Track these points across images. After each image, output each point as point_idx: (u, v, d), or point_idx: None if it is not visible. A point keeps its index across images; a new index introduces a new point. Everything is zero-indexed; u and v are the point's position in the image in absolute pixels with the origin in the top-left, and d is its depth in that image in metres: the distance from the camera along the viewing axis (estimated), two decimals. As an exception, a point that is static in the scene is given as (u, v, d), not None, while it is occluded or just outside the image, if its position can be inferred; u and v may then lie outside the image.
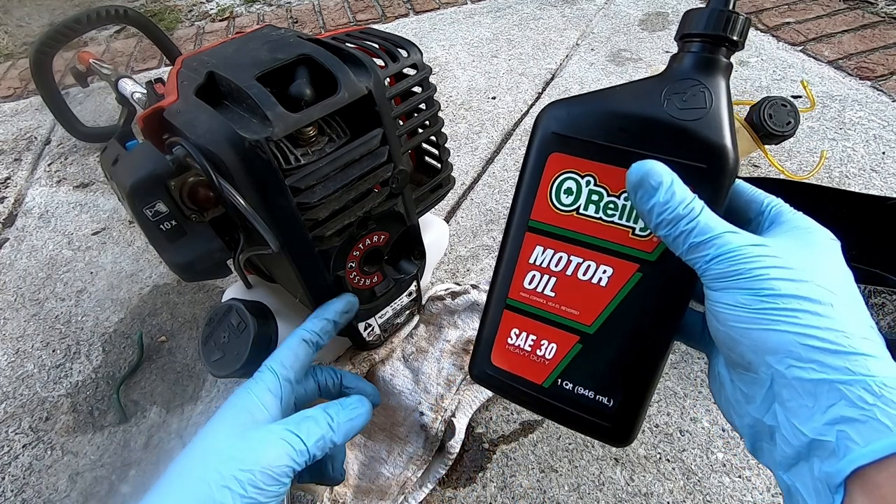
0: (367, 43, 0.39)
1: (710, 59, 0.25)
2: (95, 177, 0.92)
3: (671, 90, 0.25)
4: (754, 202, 0.27)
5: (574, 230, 0.27)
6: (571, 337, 0.28)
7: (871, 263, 0.56)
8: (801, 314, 0.21)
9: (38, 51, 0.83)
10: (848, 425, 0.19)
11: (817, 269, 0.23)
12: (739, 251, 0.23)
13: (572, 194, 0.27)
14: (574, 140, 0.26)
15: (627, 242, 0.26)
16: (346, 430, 0.32)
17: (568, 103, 0.27)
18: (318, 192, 0.34)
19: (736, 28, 0.25)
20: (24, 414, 0.58)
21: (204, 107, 0.33)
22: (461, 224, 0.72)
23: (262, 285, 0.47)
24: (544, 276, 0.28)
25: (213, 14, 1.47)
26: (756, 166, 0.74)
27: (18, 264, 0.77)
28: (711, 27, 0.25)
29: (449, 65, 1.06)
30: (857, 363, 0.20)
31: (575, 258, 0.27)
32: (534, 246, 0.28)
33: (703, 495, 0.45)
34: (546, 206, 0.27)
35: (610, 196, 0.26)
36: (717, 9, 0.25)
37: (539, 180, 0.27)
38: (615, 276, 0.27)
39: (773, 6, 1.10)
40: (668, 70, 0.26)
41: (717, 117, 0.24)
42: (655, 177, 0.23)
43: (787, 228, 0.25)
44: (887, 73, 0.88)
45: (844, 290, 0.23)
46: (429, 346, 0.53)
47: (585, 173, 0.26)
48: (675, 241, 0.24)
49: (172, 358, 0.62)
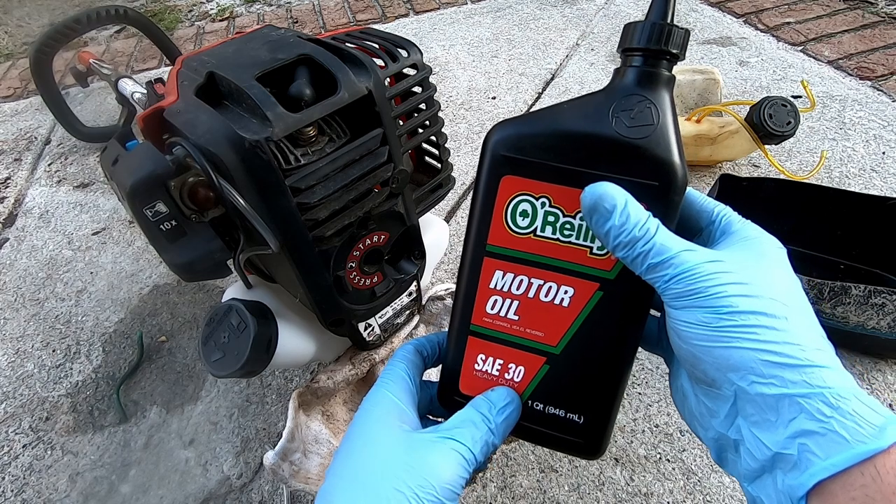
0: (367, 43, 0.39)
1: (652, 74, 0.25)
2: (95, 177, 0.92)
3: (618, 107, 0.25)
4: (704, 212, 0.28)
5: (532, 252, 0.27)
6: (538, 358, 0.28)
7: (871, 263, 0.56)
8: (760, 330, 0.22)
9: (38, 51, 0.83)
10: (809, 438, 0.20)
11: (770, 281, 0.23)
12: (696, 269, 0.23)
13: (528, 216, 0.27)
14: (525, 162, 0.26)
15: (586, 262, 0.27)
16: (503, 430, 0.29)
17: (516, 124, 0.26)
18: (318, 192, 0.34)
19: (675, 41, 0.25)
20: (24, 414, 0.58)
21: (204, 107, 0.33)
22: (461, 224, 0.72)
23: (262, 285, 0.47)
24: (506, 300, 0.28)
25: (213, 14, 1.47)
26: (756, 166, 0.74)
27: (18, 264, 0.76)
28: (653, 41, 0.25)
29: (449, 65, 1.06)
30: (814, 376, 0.21)
31: (536, 280, 0.27)
32: (493, 271, 0.28)
33: (703, 495, 0.45)
34: (502, 230, 0.27)
35: (566, 216, 0.26)
36: (655, 23, 0.25)
37: (493, 204, 0.27)
38: (576, 295, 0.27)
39: (773, 6, 1.10)
40: (613, 84, 0.26)
41: (664, 133, 0.25)
42: (609, 200, 0.24)
43: (738, 239, 0.26)
44: (887, 73, 0.88)
45: (795, 301, 0.23)
46: (429, 346, 0.53)
47: (540, 195, 0.26)
48: (634, 262, 0.24)
49: (172, 358, 0.62)
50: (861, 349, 0.51)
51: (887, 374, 0.50)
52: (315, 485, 0.42)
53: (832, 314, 0.48)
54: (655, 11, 0.25)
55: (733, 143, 0.68)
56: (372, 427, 0.28)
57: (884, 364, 0.50)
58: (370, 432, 0.27)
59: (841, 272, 0.56)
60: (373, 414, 0.28)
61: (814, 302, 0.48)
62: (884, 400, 0.48)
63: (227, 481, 0.50)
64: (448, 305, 0.55)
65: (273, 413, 0.55)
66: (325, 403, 0.49)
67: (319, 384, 0.47)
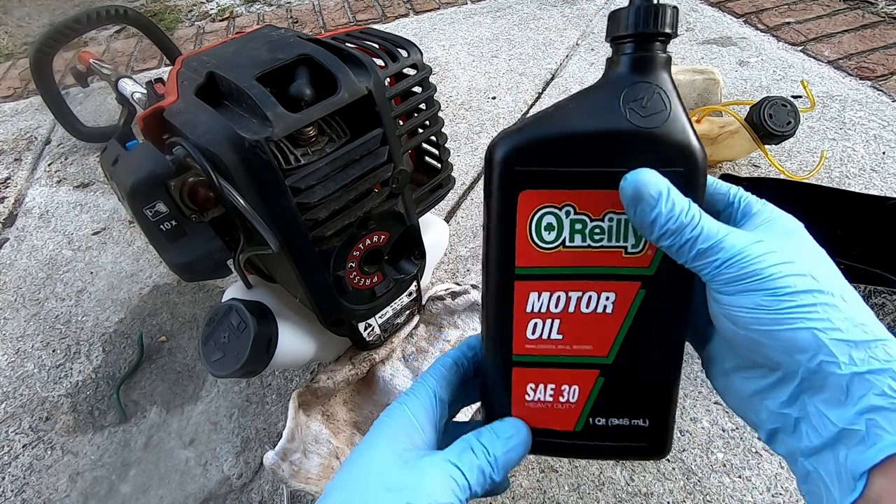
0: (367, 43, 0.39)
1: (652, 59, 0.24)
2: (95, 177, 0.92)
3: (627, 97, 0.24)
4: (719, 194, 0.27)
5: (565, 265, 0.26)
6: (591, 373, 0.27)
7: (871, 263, 0.56)
8: (822, 308, 0.21)
9: (38, 51, 0.83)
10: (878, 414, 0.20)
11: (812, 259, 0.23)
12: (746, 252, 0.22)
13: (554, 229, 0.25)
14: (542, 173, 0.24)
15: (623, 263, 0.26)
16: (504, 464, 0.27)
17: (521, 134, 0.25)
18: (318, 192, 0.34)
19: (667, 20, 0.24)
20: (24, 414, 0.58)
21: (204, 107, 0.33)
22: (461, 224, 0.72)
23: (262, 285, 0.47)
24: (547, 321, 0.26)
25: (213, 14, 1.47)
26: (756, 166, 0.74)
27: (18, 264, 0.76)
28: (647, 24, 0.23)
29: (449, 65, 1.06)
30: (880, 351, 0.21)
31: (574, 293, 0.26)
32: (527, 294, 0.26)
33: (703, 495, 0.45)
34: (529, 249, 0.25)
35: (594, 221, 0.25)
36: (643, 5, 0.23)
37: (514, 224, 0.25)
38: (619, 299, 0.26)
39: (773, 6, 1.10)
40: (612, 75, 0.25)
41: (679, 117, 0.24)
42: (654, 187, 0.23)
43: (762, 220, 0.25)
44: (887, 73, 0.88)
45: (838, 276, 0.23)
46: (429, 346, 0.53)
47: (563, 204, 0.25)
48: (681, 250, 0.23)
49: (172, 358, 0.62)
50: (861, 349, 0.51)
51: (887, 374, 0.50)
52: (315, 485, 0.42)
53: (832, 314, 0.48)
54: None
55: (733, 143, 0.68)
56: (376, 440, 0.27)
57: (884, 364, 0.50)
58: (372, 446, 0.27)
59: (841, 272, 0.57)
60: (383, 427, 0.28)
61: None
62: (884, 400, 0.48)
63: (227, 481, 0.50)
64: (448, 305, 0.55)
65: (273, 413, 0.55)
66: (325, 403, 0.49)
67: (319, 384, 0.47)
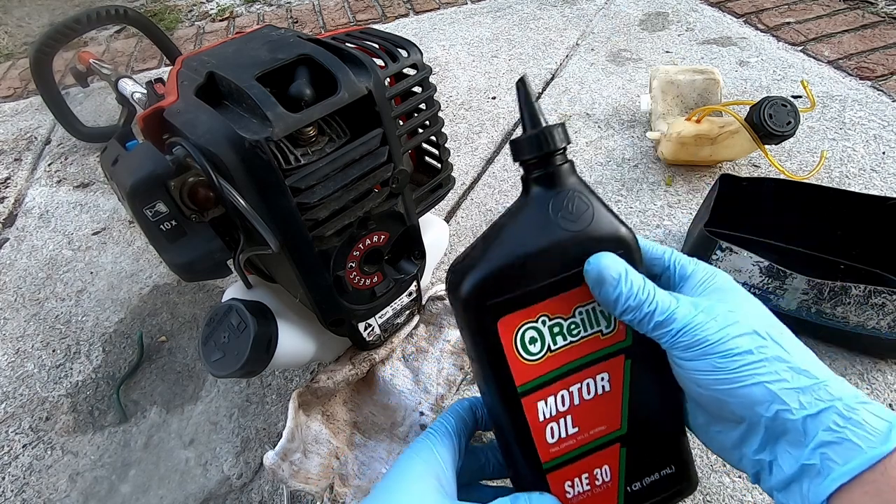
0: (367, 43, 0.39)
1: (558, 171, 0.27)
2: (95, 177, 0.92)
3: (555, 209, 0.27)
4: (654, 259, 0.30)
5: (558, 367, 0.28)
6: (614, 448, 0.29)
7: (871, 263, 0.56)
8: (768, 362, 0.24)
9: (38, 51, 0.83)
10: (828, 448, 0.22)
11: (751, 314, 0.26)
12: (696, 320, 0.25)
13: (537, 340, 0.27)
14: (511, 299, 0.27)
15: (604, 344, 0.28)
16: None
17: (481, 269, 0.27)
18: (318, 192, 0.34)
19: (559, 138, 0.27)
20: (24, 414, 0.58)
21: (204, 107, 0.33)
22: (461, 224, 0.72)
23: (262, 285, 0.47)
24: (560, 421, 0.28)
25: (213, 14, 1.47)
26: (756, 166, 0.74)
27: (18, 264, 0.77)
28: (547, 146, 0.27)
29: (449, 65, 1.06)
30: (823, 392, 0.23)
31: (574, 387, 0.28)
32: (535, 405, 0.28)
33: (703, 495, 0.45)
34: (523, 366, 0.27)
35: (567, 320, 0.28)
36: (535, 134, 0.27)
37: (501, 349, 0.27)
38: (612, 376, 0.28)
39: (773, 6, 1.10)
40: (533, 193, 0.28)
41: (601, 210, 0.28)
42: (613, 271, 0.26)
43: (699, 281, 0.28)
44: (887, 73, 0.88)
45: (776, 325, 0.26)
46: (429, 346, 0.53)
47: (538, 316, 0.27)
48: (641, 323, 0.26)
49: (172, 358, 0.62)
50: (861, 349, 0.51)
51: (887, 374, 0.50)
52: (315, 485, 0.42)
53: (832, 314, 0.48)
54: (529, 122, 0.28)
55: (733, 143, 0.68)
56: (408, 481, 0.28)
57: (884, 364, 0.50)
58: (406, 485, 0.28)
59: (841, 272, 0.56)
60: (413, 466, 0.28)
61: (814, 302, 0.48)
62: (884, 400, 0.48)
63: (227, 481, 0.50)
64: (448, 305, 0.55)
65: (273, 413, 0.55)
66: (325, 403, 0.49)
67: (319, 384, 0.47)
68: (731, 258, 0.51)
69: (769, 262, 0.49)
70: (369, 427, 0.50)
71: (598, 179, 0.75)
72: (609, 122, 0.86)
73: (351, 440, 0.49)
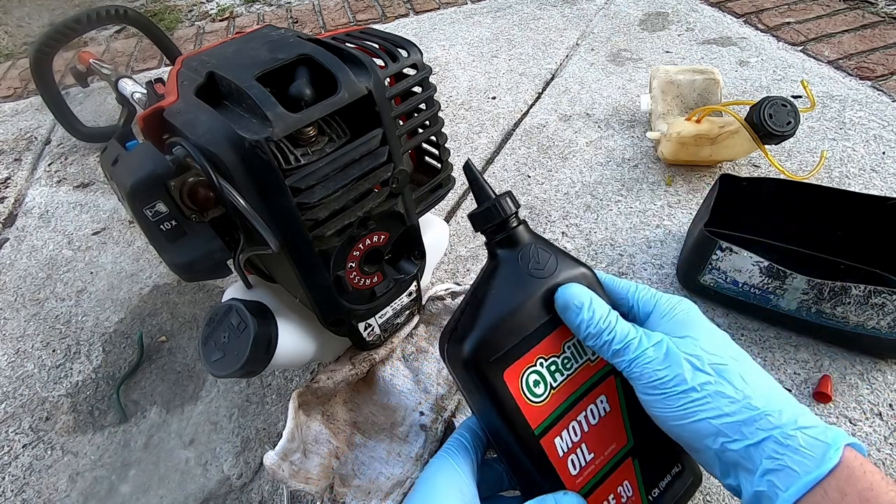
0: (367, 43, 0.39)
1: (516, 233, 0.32)
2: (95, 177, 0.92)
3: (524, 266, 0.31)
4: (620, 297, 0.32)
5: (562, 402, 0.30)
6: (628, 463, 0.31)
7: (871, 263, 0.56)
8: (711, 398, 0.26)
9: (38, 51, 0.83)
10: (773, 475, 0.24)
11: (704, 344, 0.28)
12: (646, 353, 0.27)
13: (540, 383, 0.30)
14: (507, 352, 0.29)
15: (595, 370, 0.31)
16: None
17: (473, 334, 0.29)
18: (318, 192, 0.34)
19: (508, 207, 0.31)
20: (24, 414, 0.58)
21: (204, 107, 0.33)
22: (461, 224, 0.72)
23: (262, 285, 0.47)
24: (577, 451, 0.30)
25: (213, 14, 1.47)
26: (756, 166, 0.74)
27: (18, 264, 0.77)
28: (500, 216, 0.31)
29: (449, 65, 1.06)
30: (764, 422, 0.25)
31: (580, 416, 0.30)
32: (552, 442, 0.30)
33: (703, 495, 0.45)
34: (534, 409, 0.30)
35: (560, 356, 0.30)
36: (489, 206, 0.31)
37: (512, 398, 0.29)
38: (609, 396, 0.31)
39: (773, 6, 1.10)
40: (501, 256, 0.32)
41: (561, 255, 0.32)
42: (577, 300, 0.29)
43: (660, 314, 0.30)
44: (887, 73, 0.88)
45: (728, 351, 0.28)
46: (429, 346, 0.53)
47: (535, 360, 0.30)
48: (601, 350, 0.29)
49: (172, 358, 0.62)
50: (861, 349, 0.51)
51: (887, 374, 0.50)
52: (315, 485, 0.42)
53: (832, 314, 0.48)
54: (480, 196, 0.32)
55: (733, 143, 0.68)
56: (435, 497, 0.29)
57: (884, 364, 0.50)
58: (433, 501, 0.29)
59: (841, 272, 0.56)
60: (437, 483, 0.30)
61: (814, 302, 0.48)
62: (884, 400, 0.48)
63: (227, 481, 0.50)
64: (448, 305, 0.55)
65: (273, 413, 0.55)
66: (325, 403, 0.49)
67: (319, 384, 0.47)
68: (731, 258, 0.51)
69: (769, 262, 0.49)
70: (369, 427, 0.50)
71: (598, 179, 0.76)
72: (609, 122, 0.86)
73: (351, 440, 0.49)
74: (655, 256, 0.64)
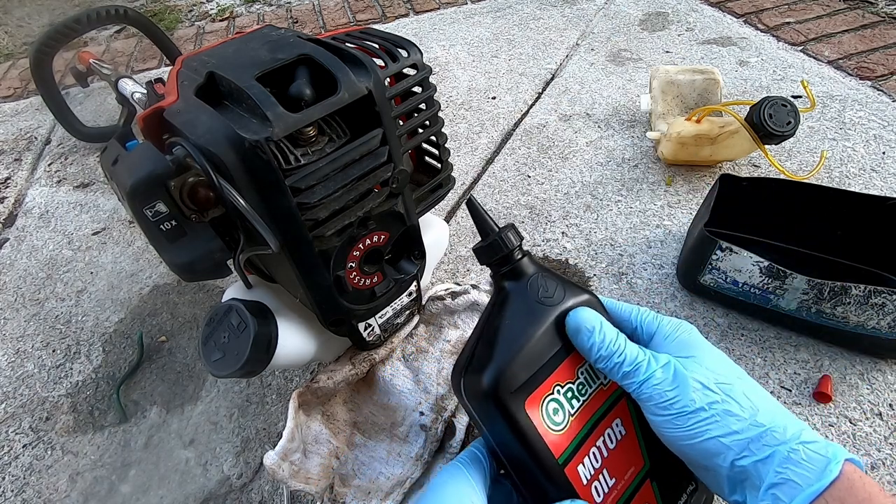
0: (367, 43, 0.39)
1: (521, 265, 0.32)
2: (95, 177, 0.92)
3: (533, 297, 0.31)
4: (625, 320, 0.33)
5: (581, 428, 0.30)
6: (647, 485, 0.32)
7: (871, 263, 0.56)
8: (720, 417, 0.27)
9: (38, 51, 0.83)
10: (777, 489, 0.25)
11: (708, 365, 0.29)
12: (655, 375, 0.28)
13: (559, 410, 0.30)
14: (527, 382, 0.30)
15: (608, 393, 0.32)
16: None
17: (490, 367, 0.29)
18: (318, 192, 0.34)
19: (513, 240, 0.32)
20: (24, 414, 0.58)
21: (204, 107, 0.33)
22: (461, 224, 0.72)
23: (262, 285, 0.47)
24: (599, 478, 0.31)
25: (213, 14, 1.47)
26: (756, 166, 0.74)
27: (18, 264, 0.77)
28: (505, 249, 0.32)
29: (449, 65, 1.06)
30: (769, 438, 0.26)
31: (598, 441, 0.31)
32: (577, 471, 0.30)
33: (703, 495, 0.45)
34: (555, 438, 0.30)
35: (575, 382, 0.31)
36: (493, 240, 0.32)
37: (534, 429, 0.29)
38: (623, 419, 0.32)
39: (773, 6, 1.10)
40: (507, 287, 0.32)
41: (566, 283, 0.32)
42: (588, 323, 0.29)
43: (664, 336, 0.31)
44: (887, 73, 0.88)
45: (731, 372, 0.29)
46: (429, 346, 0.53)
47: (553, 387, 0.30)
48: (611, 372, 0.29)
49: (172, 358, 0.62)
50: (861, 349, 0.51)
51: (887, 374, 0.50)
52: (315, 485, 0.42)
53: (832, 314, 0.48)
54: (483, 230, 0.33)
55: (733, 143, 0.68)
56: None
57: (884, 364, 0.50)
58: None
59: (841, 272, 0.56)
60: (446, 491, 0.30)
61: (814, 302, 0.48)
62: (884, 400, 0.48)
63: (227, 481, 0.50)
64: (448, 305, 0.55)
65: (273, 413, 0.55)
66: (325, 403, 0.49)
67: (319, 384, 0.47)
68: (731, 258, 0.51)
69: (769, 262, 0.49)
70: (369, 427, 0.50)
71: (598, 179, 0.76)
72: (609, 122, 0.86)
73: (351, 440, 0.49)
74: (655, 256, 0.64)
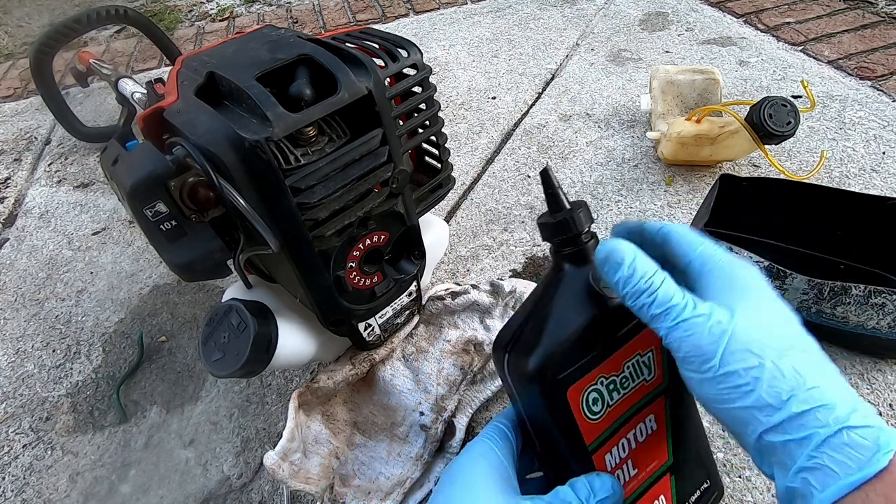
0: (367, 43, 0.39)
1: (586, 248, 0.30)
2: (95, 177, 0.92)
3: (595, 281, 0.29)
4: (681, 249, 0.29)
5: (616, 419, 0.30)
6: (666, 479, 0.32)
7: (871, 263, 0.56)
8: (756, 384, 0.24)
9: (38, 51, 0.83)
10: (808, 473, 0.23)
11: (755, 325, 0.25)
12: (687, 322, 0.25)
13: (599, 400, 0.30)
14: (576, 369, 0.29)
15: (648, 389, 0.31)
16: None
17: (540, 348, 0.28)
18: (318, 192, 0.34)
19: (583, 223, 0.29)
20: (24, 414, 0.58)
21: (204, 107, 0.33)
22: (461, 224, 0.72)
23: (262, 285, 0.47)
24: (623, 467, 0.31)
25: (213, 14, 1.47)
26: (756, 166, 0.74)
27: (18, 264, 0.77)
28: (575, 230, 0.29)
29: (449, 65, 1.06)
30: (810, 419, 0.23)
31: (629, 434, 0.31)
32: (603, 459, 0.30)
33: None
34: (591, 426, 0.29)
35: (620, 376, 0.30)
36: (564, 218, 0.29)
37: (571, 416, 0.29)
38: (657, 416, 0.32)
39: (773, 6, 1.10)
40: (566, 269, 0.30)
41: None
42: (619, 255, 0.26)
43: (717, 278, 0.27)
44: (887, 73, 0.88)
45: (785, 332, 0.25)
46: (429, 346, 0.53)
47: (597, 378, 0.29)
48: (640, 311, 0.26)
49: (172, 358, 0.62)
50: (861, 349, 0.51)
51: (887, 374, 0.50)
52: (315, 485, 0.42)
53: (832, 314, 0.48)
54: (554, 206, 0.30)
55: (733, 143, 0.68)
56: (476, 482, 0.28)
57: (884, 364, 0.50)
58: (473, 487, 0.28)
59: (841, 272, 0.56)
60: (477, 467, 0.29)
61: (814, 302, 0.48)
62: (884, 400, 0.48)
63: (227, 481, 0.50)
64: (448, 305, 0.55)
65: (273, 413, 0.55)
66: (325, 403, 0.49)
67: (319, 384, 0.47)
68: (731, 258, 0.51)
69: (769, 262, 0.49)
70: (369, 427, 0.50)
71: (598, 179, 0.76)
72: (609, 122, 0.86)
73: (351, 440, 0.49)
74: (655, 256, 0.64)
